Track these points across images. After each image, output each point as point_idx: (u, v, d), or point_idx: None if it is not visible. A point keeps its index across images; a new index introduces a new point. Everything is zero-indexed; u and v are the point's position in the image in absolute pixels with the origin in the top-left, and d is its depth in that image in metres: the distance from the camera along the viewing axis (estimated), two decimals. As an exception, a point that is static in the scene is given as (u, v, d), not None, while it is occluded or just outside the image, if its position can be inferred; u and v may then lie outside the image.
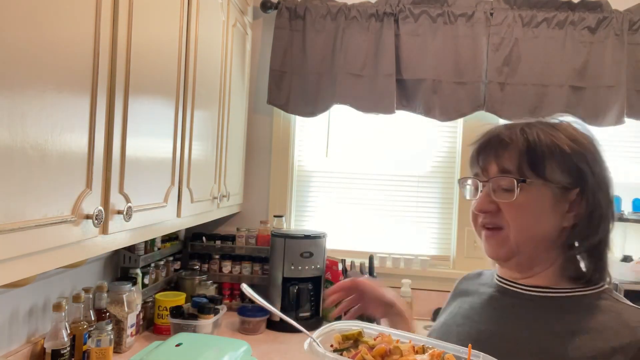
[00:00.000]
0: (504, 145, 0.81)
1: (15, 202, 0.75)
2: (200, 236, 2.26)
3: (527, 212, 0.78)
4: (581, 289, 0.79)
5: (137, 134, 1.14)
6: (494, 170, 0.81)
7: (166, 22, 1.30)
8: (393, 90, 2.15)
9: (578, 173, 0.78)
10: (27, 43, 0.76)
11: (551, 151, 0.78)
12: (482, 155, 0.84)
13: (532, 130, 0.80)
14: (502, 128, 0.84)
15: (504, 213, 0.79)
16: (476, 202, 0.83)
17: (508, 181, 0.79)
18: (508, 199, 0.78)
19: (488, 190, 0.81)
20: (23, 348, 1.32)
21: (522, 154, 0.78)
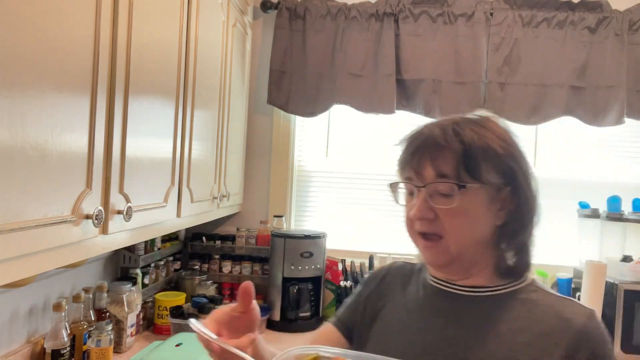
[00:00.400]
0: (439, 148, 0.77)
1: (15, 202, 0.75)
2: (200, 236, 2.26)
3: (465, 217, 0.77)
4: (513, 284, 0.82)
5: (137, 134, 1.14)
6: (430, 174, 0.77)
7: (166, 22, 1.30)
8: (393, 90, 2.15)
9: (510, 172, 0.78)
10: (27, 43, 0.76)
11: (486, 153, 0.76)
12: (415, 158, 0.79)
13: (464, 131, 0.77)
14: (434, 129, 0.79)
15: (442, 219, 0.77)
16: (414, 209, 0.78)
17: (447, 186, 0.76)
18: (447, 205, 0.76)
19: (425, 196, 0.77)
20: (23, 348, 1.32)
21: (458, 157, 0.76)
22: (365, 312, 0.91)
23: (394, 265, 0.97)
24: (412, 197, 0.80)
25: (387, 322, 0.86)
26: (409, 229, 0.83)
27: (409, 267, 0.95)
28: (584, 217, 2.14)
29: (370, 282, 0.96)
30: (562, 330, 0.74)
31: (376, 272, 0.99)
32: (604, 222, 2.06)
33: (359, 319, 0.92)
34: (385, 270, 0.97)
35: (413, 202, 0.79)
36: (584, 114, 2.16)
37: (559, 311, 0.77)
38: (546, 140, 2.33)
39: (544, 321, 0.76)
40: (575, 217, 2.20)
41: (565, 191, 2.30)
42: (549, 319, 0.76)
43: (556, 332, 0.74)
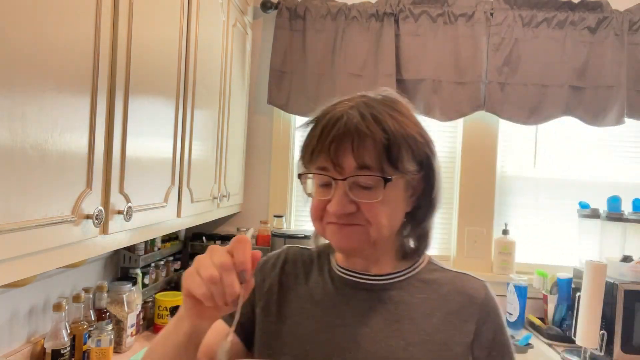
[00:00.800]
0: (361, 137, 0.71)
1: (15, 202, 0.75)
2: (200, 236, 2.26)
3: (387, 207, 0.73)
4: (415, 267, 0.83)
5: (137, 134, 1.14)
6: (350, 165, 0.71)
7: (166, 22, 1.30)
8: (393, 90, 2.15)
9: (426, 159, 0.77)
10: (27, 43, 0.76)
11: (407, 142, 0.73)
12: (333, 146, 0.71)
13: (384, 117, 0.72)
14: (352, 113, 0.72)
15: (364, 211, 0.72)
16: (333, 204, 0.72)
17: (370, 179, 0.71)
18: (371, 199, 0.71)
19: (345, 189, 0.72)
20: (23, 348, 1.32)
21: (381, 148, 0.71)
22: (268, 307, 0.83)
23: (290, 252, 0.90)
24: (327, 189, 0.73)
25: (299, 322, 0.80)
26: (317, 220, 0.77)
27: (307, 253, 0.89)
28: (584, 217, 2.14)
29: (267, 271, 0.87)
30: (468, 306, 0.78)
31: (270, 259, 0.89)
32: (604, 222, 2.06)
33: (253, 311, 0.83)
34: (282, 258, 0.89)
35: (329, 195, 0.73)
36: (584, 114, 2.16)
37: (460, 287, 0.80)
38: (546, 140, 2.33)
39: (450, 299, 0.79)
40: (575, 217, 2.20)
41: (565, 191, 2.31)
42: (454, 297, 0.79)
43: (463, 308, 0.78)
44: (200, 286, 0.59)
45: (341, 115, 0.72)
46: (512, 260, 2.24)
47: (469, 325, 0.77)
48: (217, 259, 0.60)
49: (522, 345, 1.89)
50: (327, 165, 0.73)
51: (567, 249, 2.28)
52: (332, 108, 0.75)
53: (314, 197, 0.77)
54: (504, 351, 0.79)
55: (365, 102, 0.75)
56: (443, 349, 0.75)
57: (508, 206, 2.34)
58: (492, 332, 0.78)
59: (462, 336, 0.76)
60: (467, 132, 2.31)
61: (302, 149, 0.78)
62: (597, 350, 1.75)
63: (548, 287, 2.12)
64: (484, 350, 0.77)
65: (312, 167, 0.76)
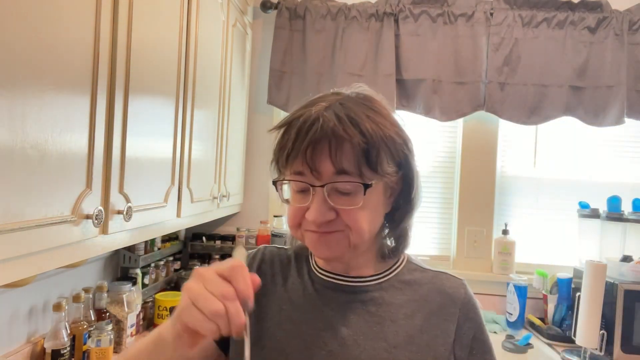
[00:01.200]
0: (339, 141, 0.68)
1: (15, 202, 0.75)
2: (200, 236, 2.26)
3: (367, 213, 0.71)
4: (395, 268, 0.82)
5: (137, 133, 1.14)
6: (328, 170, 0.68)
7: (166, 22, 1.30)
8: (393, 90, 2.15)
9: (404, 159, 0.75)
10: (27, 43, 0.76)
11: (385, 144, 0.71)
12: (309, 151, 0.68)
13: (361, 119, 0.69)
14: (327, 115, 0.69)
15: (343, 217, 0.70)
16: (312, 212, 0.69)
17: (350, 185, 0.69)
18: (351, 205, 0.69)
19: (324, 195, 0.69)
20: (23, 348, 1.32)
21: (360, 152, 0.68)
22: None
23: (267, 252, 0.87)
24: (304, 195, 0.71)
25: (278, 323, 0.77)
26: (294, 226, 0.74)
27: (284, 254, 0.86)
28: (584, 217, 2.14)
29: None
30: (448, 306, 0.78)
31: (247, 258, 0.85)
32: (604, 222, 2.06)
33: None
34: (259, 258, 0.86)
35: (306, 201, 0.70)
36: (584, 114, 2.16)
37: (440, 287, 0.80)
38: (546, 140, 2.33)
39: (430, 300, 0.79)
40: (575, 217, 2.20)
41: (565, 191, 2.31)
42: (435, 297, 0.79)
43: (443, 308, 0.78)
44: (204, 322, 0.54)
45: (317, 117, 0.69)
46: (512, 260, 2.24)
47: (451, 325, 0.77)
48: (216, 289, 0.55)
49: (522, 345, 1.89)
50: (303, 170, 0.70)
51: (567, 249, 2.28)
52: (306, 110, 0.72)
53: (291, 204, 0.74)
54: (484, 349, 0.79)
55: (341, 102, 0.72)
56: (426, 349, 0.74)
57: (508, 206, 2.34)
58: (473, 330, 0.78)
59: (445, 336, 0.76)
60: (467, 132, 2.31)
61: (276, 153, 0.75)
62: (597, 350, 1.75)
63: (548, 287, 2.12)
64: (465, 349, 0.77)
65: (288, 172, 0.73)
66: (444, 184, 2.35)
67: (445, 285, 0.81)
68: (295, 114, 0.73)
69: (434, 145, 2.35)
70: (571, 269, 2.09)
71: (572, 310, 1.95)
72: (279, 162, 0.74)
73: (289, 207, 0.75)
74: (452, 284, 0.81)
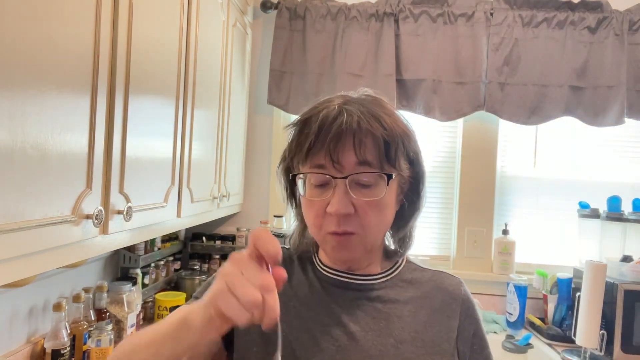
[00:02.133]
0: (364, 133, 0.69)
1: (15, 202, 0.75)
2: (200, 236, 2.26)
3: (384, 209, 0.73)
4: (398, 266, 0.84)
5: (137, 133, 1.14)
6: (351, 162, 0.69)
7: (166, 22, 1.30)
8: (393, 90, 2.15)
9: (416, 158, 0.77)
10: (27, 43, 0.76)
11: (402, 141, 0.72)
12: (334, 144, 0.69)
13: (380, 115, 0.71)
14: (349, 110, 0.70)
15: (361, 213, 0.71)
16: (334, 204, 0.69)
17: (370, 176, 0.70)
18: (371, 197, 0.70)
19: (346, 187, 0.69)
20: (23, 348, 1.32)
21: (382, 145, 0.70)
22: None
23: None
24: (324, 189, 0.71)
25: (285, 320, 0.75)
26: (316, 227, 0.74)
27: (286, 252, 0.86)
28: (584, 217, 2.14)
29: None
30: (449, 303, 0.81)
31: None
32: (604, 222, 2.06)
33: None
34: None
35: (326, 195, 0.71)
36: (584, 114, 2.16)
37: (440, 285, 0.83)
38: (546, 140, 2.33)
39: (432, 297, 0.81)
40: (575, 217, 2.20)
41: (565, 191, 2.31)
42: (436, 294, 0.82)
43: (445, 305, 0.81)
44: (240, 310, 0.52)
45: (340, 110, 0.70)
46: (512, 260, 2.24)
47: (453, 321, 0.80)
48: (255, 279, 0.53)
49: (522, 345, 1.89)
50: (325, 163, 0.70)
51: (567, 249, 2.28)
52: (322, 107, 0.73)
53: (310, 200, 0.74)
54: (483, 344, 0.82)
55: (356, 101, 0.73)
56: (431, 345, 0.76)
57: (508, 206, 2.34)
58: (473, 326, 0.81)
59: (448, 331, 0.78)
60: (467, 132, 2.31)
61: (292, 149, 0.74)
62: (597, 350, 1.75)
63: (548, 287, 2.12)
64: (467, 345, 0.80)
65: (305, 167, 0.72)
66: (444, 184, 2.35)
67: (445, 283, 0.84)
68: (312, 112, 0.74)
69: (434, 145, 2.35)
70: (571, 269, 2.09)
71: (572, 310, 1.95)
72: (296, 158, 0.74)
73: (308, 206, 0.74)
74: (451, 282, 0.84)
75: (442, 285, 0.83)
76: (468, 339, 0.80)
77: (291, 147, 0.75)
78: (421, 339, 0.76)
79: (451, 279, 0.85)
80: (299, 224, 0.84)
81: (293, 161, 0.75)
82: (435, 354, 0.76)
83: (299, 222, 0.84)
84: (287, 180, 0.81)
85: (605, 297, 1.71)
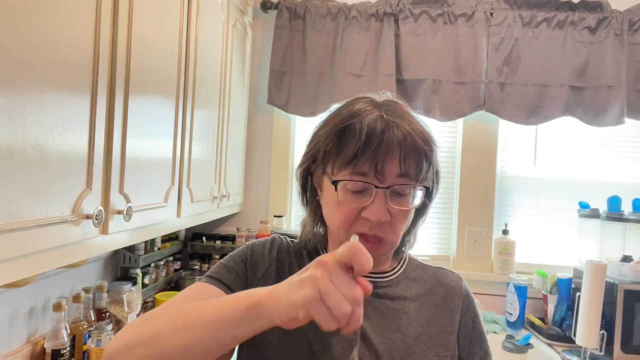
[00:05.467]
0: (411, 148, 0.72)
1: (15, 202, 0.75)
2: (200, 236, 2.26)
3: (411, 216, 0.77)
4: (403, 263, 0.88)
5: (137, 134, 1.14)
6: (393, 173, 0.72)
7: (166, 22, 1.30)
8: (393, 90, 2.15)
9: (439, 169, 0.81)
10: (27, 43, 0.76)
11: (435, 154, 0.77)
12: (383, 155, 0.71)
13: (422, 129, 0.75)
14: (400, 123, 0.72)
15: (394, 220, 0.74)
16: (374, 212, 0.71)
17: (407, 187, 0.73)
18: (407, 207, 0.74)
19: (385, 196, 0.72)
20: (23, 348, 1.32)
21: (423, 159, 0.73)
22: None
23: (282, 241, 0.88)
24: (361, 196, 0.73)
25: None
26: (344, 228, 0.75)
27: (296, 245, 0.88)
28: (584, 217, 2.14)
29: (259, 255, 0.84)
30: (452, 298, 0.85)
31: (262, 244, 0.86)
32: (604, 222, 2.06)
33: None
34: (277, 246, 0.86)
35: (363, 202, 0.72)
36: (584, 114, 2.16)
37: (442, 281, 0.87)
38: (546, 140, 2.33)
39: (435, 293, 0.85)
40: (575, 217, 2.20)
41: (565, 191, 2.31)
42: (439, 290, 0.86)
43: (447, 300, 0.85)
44: (330, 320, 0.55)
45: (386, 124, 0.72)
46: (512, 260, 2.24)
47: (455, 315, 0.84)
48: (347, 291, 0.56)
49: (522, 345, 1.89)
50: (367, 172, 0.72)
51: (567, 249, 2.28)
52: (361, 113, 0.74)
53: (343, 204, 0.74)
54: (481, 338, 0.86)
55: (394, 111, 0.75)
56: (436, 339, 0.80)
57: (508, 206, 2.34)
58: (472, 320, 0.86)
59: (451, 325, 0.83)
60: (467, 132, 2.31)
61: (333, 153, 0.74)
62: (597, 350, 1.75)
63: (548, 287, 2.12)
64: (467, 338, 0.84)
65: (344, 173, 0.73)
66: (444, 184, 2.33)
67: (447, 278, 0.88)
68: (351, 119, 0.74)
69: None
70: (571, 269, 2.09)
71: (572, 310, 1.95)
72: (332, 162, 0.75)
73: (337, 208, 0.75)
74: (452, 278, 0.89)
75: (444, 281, 0.87)
76: (468, 332, 0.84)
77: (328, 150, 0.75)
78: (427, 334, 0.80)
79: (452, 275, 0.89)
80: (313, 221, 0.86)
81: (326, 164, 0.76)
82: (440, 347, 0.80)
83: (312, 220, 0.85)
84: (304, 178, 0.83)
85: (605, 297, 1.71)
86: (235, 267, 0.82)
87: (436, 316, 0.83)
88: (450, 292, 0.86)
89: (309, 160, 0.80)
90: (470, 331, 0.85)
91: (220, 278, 0.80)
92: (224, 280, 0.80)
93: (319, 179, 0.81)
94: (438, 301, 0.84)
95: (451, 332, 0.82)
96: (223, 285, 0.79)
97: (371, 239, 0.74)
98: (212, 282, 0.79)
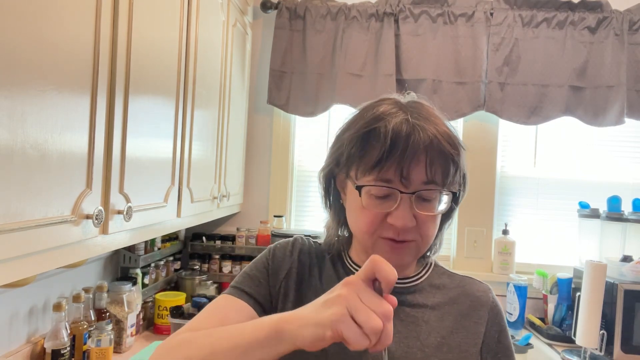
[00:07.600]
0: (437, 154, 0.70)
1: (15, 202, 0.75)
2: (200, 236, 2.26)
3: (438, 220, 0.76)
4: (427, 270, 0.85)
5: (137, 134, 1.14)
6: (419, 179, 0.70)
7: (166, 22, 1.30)
8: (393, 90, 2.15)
9: (465, 174, 0.79)
10: (27, 43, 0.76)
11: (462, 159, 0.74)
12: (409, 161, 0.69)
13: (449, 132, 0.73)
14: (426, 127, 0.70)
15: (420, 225, 0.72)
16: (400, 218, 0.70)
17: (434, 193, 0.71)
18: (433, 212, 0.72)
19: (411, 202, 0.71)
20: (23, 348, 1.32)
21: (450, 164, 0.72)
22: (286, 292, 0.81)
23: (304, 243, 0.87)
24: (385, 201, 0.71)
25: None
26: (370, 233, 0.74)
27: (318, 247, 0.87)
28: (584, 217, 2.14)
29: (281, 256, 0.84)
30: (477, 309, 0.81)
31: (284, 245, 0.86)
32: (604, 222, 2.06)
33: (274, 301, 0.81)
34: (298, 247, 0.86)
35: (388, 207, 0.71)
36: (584, 114, 2.16)
37: (468, 290, 0.84)
38: (546, 140, 2.33)
39: (459, 303, 0.82)
40: (575, 217, 2.20)
41: (565, 191, 2.31)
42: (464, 300, 0.82)
43: (473, 311, 0.81)
44: (361, 336, 0.54)
45: (412, 127, 0.70)
46: (512, 260, 2.24)
47: (480, 328, 0.80)
48: (375, 305, 0.55)
49: (522, 345, 1.89)
50: (392, 178, 0.70)
51: (567, 249, 2.28)
52: (386, 115, 0.72)
53: (367, 208, 0.73)
54: (508, 354, 0.82)
55: (420, 114, 0.73)
56: (456, 351, 0.77)
57: (508, 206, 2.34)
58: (498, 334, 0.81)
59: (474, 337, 0.79)
60: (467, 132, 2.31)
61: (357, 157, 0.73)
62: (597, 350, 1.75)
63: (548, 287, 2.12)
64: (491, 353, 0.80)
65: (369, 178, 0.71)
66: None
67: (473, 289, 0.84)
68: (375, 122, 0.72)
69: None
70: (571, 269, 2.09)
71: (572, 310, 1.95)
72: (357, 166, 0.73)
73: (361, 213, 0.74)
74: (480, 288, 0.85)
75: (470, 291, 0.84)
76: (492, 347, 0.80)
77: (351, 154, 0.74)
78: (447, 344, 0.77)
79: (480, 285, 0.85)
80: (336, 225, 0.85)
81: (350, 168, 0.75)
82: (461, 359, 0.77)
83: (336, 223, 0.85)
84: (327, 181, 0.82)
85: (605, 297, 1.71)
86: (258, 275, 0.82)
87: (459, 327, 0.79)
88: (476, 303, 0.82)
89: (332, 163, 0.79)
90: (495, 345, 0.80)
91: (243, 288, 0.80)
92: (247, 289, 0.80)
93: (342, 183, 0.80)
94: (462, 311, 0.81)
95: (474, 345, 0.79)
96: (246, 295, 0.79)
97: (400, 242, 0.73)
98: (235, 294, 0.80)
